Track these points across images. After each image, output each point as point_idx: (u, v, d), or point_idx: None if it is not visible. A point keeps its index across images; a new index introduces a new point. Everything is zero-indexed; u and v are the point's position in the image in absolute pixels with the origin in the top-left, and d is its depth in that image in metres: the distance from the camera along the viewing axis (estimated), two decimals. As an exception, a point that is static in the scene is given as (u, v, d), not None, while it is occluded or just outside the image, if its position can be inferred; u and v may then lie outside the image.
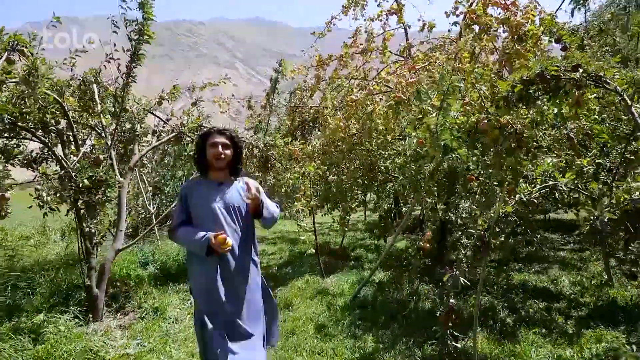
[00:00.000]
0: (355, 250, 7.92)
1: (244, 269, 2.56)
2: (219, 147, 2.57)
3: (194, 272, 2.56)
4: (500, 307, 4.43)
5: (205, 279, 2.48)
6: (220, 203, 2.56)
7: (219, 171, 2.63)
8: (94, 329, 3.90)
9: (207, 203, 2.54)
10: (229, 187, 2.65)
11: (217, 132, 2.64)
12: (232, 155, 2.65)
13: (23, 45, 3.15)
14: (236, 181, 2.73)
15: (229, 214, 2.57)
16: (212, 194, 2.58)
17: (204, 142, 2.64)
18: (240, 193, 2.64)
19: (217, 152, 2.56)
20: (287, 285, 5.61)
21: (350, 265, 6.69)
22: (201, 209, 2.54)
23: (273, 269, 6.72)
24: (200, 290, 2.50)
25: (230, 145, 2.64)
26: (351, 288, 5.29)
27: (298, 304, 4.76)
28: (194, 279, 2.56)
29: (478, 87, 3.74)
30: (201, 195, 2.57)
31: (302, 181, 5.10)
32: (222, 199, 2.57)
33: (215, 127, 2.76)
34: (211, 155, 2.58)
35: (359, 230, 10.83)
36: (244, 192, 2.56)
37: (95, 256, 4.29)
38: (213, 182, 2.64)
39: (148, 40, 4.20)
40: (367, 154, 6.20)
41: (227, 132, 2.67)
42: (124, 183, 4.57)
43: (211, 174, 2.66)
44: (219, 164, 2.59)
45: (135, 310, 4.51)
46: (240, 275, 2.54)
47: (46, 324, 3.71)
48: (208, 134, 2.65)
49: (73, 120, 4.13)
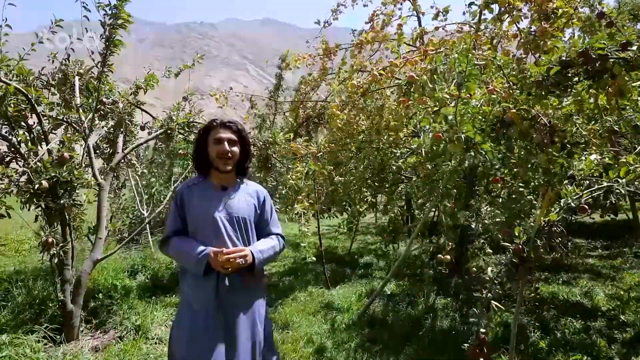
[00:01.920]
0: (364, 256, 7.37)
1: (248, 292, 2.11)
2: (225, 143, 2.10)
3: (186, 289, 2.10)
4: (530, 326, 3.86)
5: (199, 301, 2.02)
6: (223, 212, 2.10)
7: (223, 173, 2.15)
8: (63, 352, 3.41)
9: (208, 211, 2.09)
10: (234, 193, 2.19)
11: (222, 126, 2.14)
12: (239, 153, 2.18)
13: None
14: (243, 184, 2.27)
15: (232, 225, 2.11)
16: (214, 200, 2.12)
17: (205, 137, 2.16)
18: (247, 202, 2.20)
19: (223, 150, 2.09)
20: (288, 297, 5.07)
21: (358, 274, 6.14)
22: (200, 218, 2.09)
23: (275, 278, 6.19)
24: (190, 312, 2.03)
25: (238, 142, 2.17)
26: (359, 302, 4.74)
27: (299, 321, 4.21)
28: (184, 297, 2.10)
29: (505, 72, 3.19)
30: (201, 202, 2.11)
31: (305, 182, 4.58)
32: (225, 208, 2.12)
33: (219, 119, 2.21)
34: (215, 154, 2.10)
35: (370, 233, 10.27)
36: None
37: (70, 268, 3.80)
38: (215, 186, 2.18)
39: (124, 24, 3.71)
40: (377, 153, 5.66)
41: (234, 125, 2.17)
42: (103, 185, 4.08)
43: (213, 175, 2.19)
44: (226, 167, 2.12)
45: (116, 327, 4.01)
46: (241, 299, 2.07)
47: (6, 346, 3.23)
48: (210, 127, 2.16)
49: (43, 114, 3.64)
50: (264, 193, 2.33)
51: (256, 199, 2.25)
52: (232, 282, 2.04)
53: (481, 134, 2.86)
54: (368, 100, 5.14)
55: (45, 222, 3.41)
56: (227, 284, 2.03)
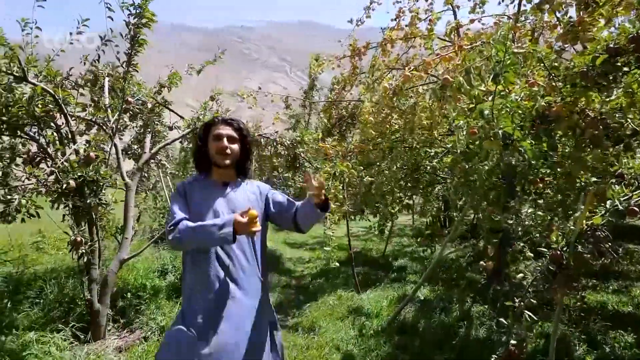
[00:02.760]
0: (398, 259, 7.14)
1: (251, 292, 2.00)
2: (224, 139, 2.07)
3: (186, 291, 2.00)
4: (575, 338, 3.56)
5: (200, 301, 1.91)
6: (225, 208, 2.03)
7: (223, 169, 2.11)
8: (87, 352, 3.41)
9: (210, 207, 2.01)
10: (236, 189, 2.14)
11: (223, 122, 2.12)
12: (239, 151, 2.13)
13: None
14: (244, 183, 2.21)
15: None
16: (216, 197, 2.06)
17: (206, 133, 2.14)
18: (249, 198, 2.13)
19: (222, 146, 2.05)
20: (317, 301, 4.94)
21: (391, 278, 5.93)
22: (202, 213, 2.00)
23: (306, 280, 6.08)
24: (191, 311, 1.92)
25: (238, 139, 2.13)
26: (390, 307, 4.55)
27: (325, 326, 4.07)
28: (185, 299, 2.00)
29: (547, 64, 2.94)
30: (202, 198, 2.04)
31: (333, 182, 4.44)
32: (228, 204, 2.06)
33: (220, 116, 2.22)
34: (214, 150, 2.07)
35: (406, 236, 10.00)
36: (307, 184, 1.96)
37: (97, 267, 3.83)
38: (216, 182, 2.13)
39: (148, 23, 3.71)
40: (410, 153, 5.45)
41: (235, 122, 2.15)
42: (130, 185, 4.09)
43: (214, 172, 2.14)
44: (224, 161, 2.07)
45: (142, 327, 4.01)
46: (245, 299, 1.96)
47: (34, 344, 3.26)
48: (211, 124, 2.14)
49: (71, 115, 3.67)
50: (266, 187, 2.27)
51: (258, 194, 2.20)
52: (234, 281, 1.95)
53: (521, 130, 2.64)
54: (401, 99, 4.95)
55: (73, 221, 3.43)
56: (232, 282, 1.94)
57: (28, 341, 3.31)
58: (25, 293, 4.35)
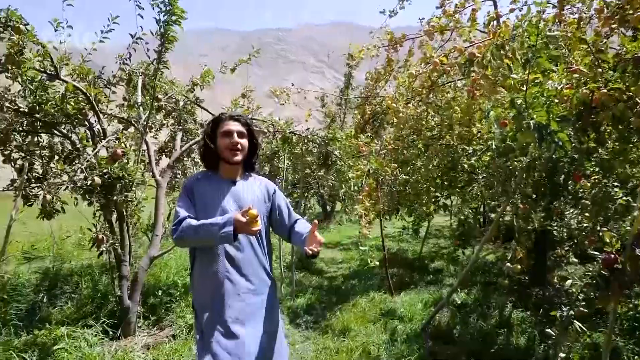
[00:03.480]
0: (435, 261, 6.90)
1: (258, 291, 2.02)
2: (234, 135, 2.05)
3: (195, 287, 2.04)
4: (628, 351, 3.27)
5: (209, 297, 1.94)
6: (233, 205, 2.03)
7: (231, 165, 2.09)
8: (116, 348, 3.43)
9: (218, 205, 2.01)
10: (244, 186, 2.13)
11: (231, 118, 2.11)
12: (247, 148, 2.14)
13: (17, 21, 2.74)
14: (252, 178, 2.22)
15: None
16: (224, 193, 2.05)
17: (214, 129, 2.12)
18: (256, 194, 2.14)
19: (232, 142, 2.04)
20: (349, 302, 4.81)
21: (427, 280, 5.72)
22: (209, 209, 1.99)
23: (338, 281, 5.96)
24: (203, 309, 1.96)
25: (246, 135, 2.13)
26: (424, 311, 4.36)
27: (357, 329, 3.93)
28: (196, 296, 2.03)
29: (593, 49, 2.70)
30: (210, 195, 2.04)
31: (366, 180, 4.29)
32: (236, 202, 2.05)
33: (228, 112, 2.18)
34: (224, 146, 2.05)
35: (443, 237, 9.69)
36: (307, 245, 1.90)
37: (127, 264, 3.85)
38: (225, 179, 2.11)
39: (178, 20, 3.69)
40: (447, 150, 5.23)
41: (242, 118, 2.15)
42: (161, 183, 4.11)
43: (222, 169, 2.12)
44: (234, 157, 2.05)
45: (172, 325, 4.00)
46: (252, 298, 1.98)
47: (65, 339, 3.30)
48: (219, 120, 2.12)
49: (102, 112, 3.71)
50: (273, 186, 2.27)
51: (265, 191, 2.19)
52: (239, 280, 1.96)
53: (559, 121, 2.42)
54: (438, 94, 4.77)
55: (101, 218, 3.45)
56: (236, 281, 1.95)
57: (59, 336, 3.36)
58: (62, 288, 4.46)
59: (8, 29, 2.76)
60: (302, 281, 5.85)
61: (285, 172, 5.93)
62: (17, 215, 4.72)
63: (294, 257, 5.56)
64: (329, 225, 11.63)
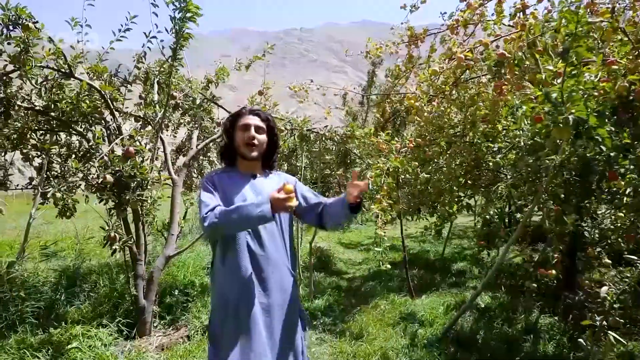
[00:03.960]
0: (458, 262, 6.70)
1: (284, 285, 1.97)
2: (252, 129, 2.01)
3: (216, 287, 1.96)
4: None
5: (230, 296, 1.88)
6: (255, 198, 1.95)
7: (250, 161, 2.05)
8: (129, 348, 3.39)
9: (238, 197, 1.94)
10: (264, 180, 2.09)
11: (250, 113, 2.07)
12: (266, 143, 2.08)
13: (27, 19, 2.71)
14: (272, 174, 2.19)
15: None
16: (245, 188, 2.00)
17: (232, 124, 2.08)
18: (277, 187, 1.93)
19: (250, 136, 1.99)
20: (368, 305, 4.68)
21: (449, 282, 5.54)
22: (230, 204, 1.91)
23: (357, 282, 5.83)
24: (226, 309, 1.88)
25: (265, 130, 2.07)
26: (446, 315, 4.20)
27: (374, 332, 3.80)
28: (215, 295, 1.96)
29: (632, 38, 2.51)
30: (231, 190, 1.97)
31: (385, 179, 4.16)
32: (257, 193, 2.00)
33: (247, 106, 2.14)
34: (241, 141, 2.01)
35: (467, 237, 9.45)
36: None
37: (142, 263, 3.81)
38: (245, 174, 2.07)
39: (193, 17, 3.64)
40: (470, 148, 5.04)
41: (262, 113, 2.10)
42: (177, 181, 4.06)
43: (240, 164, 2.09)
44: (252, 153, 2.01)
45: (188, 325, 3.95)
46: (278, 295, 1.93)
47: (79, 338, 3.28)
48: (238, 114, 2.08)
49: (117, 110, 3.68)
50: (294, 179, 2.21)
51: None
52: (267, 278, 1.91)
53: (598, 116, 2.24)
54: (461, 90, 4.59)
55: (116, 216, 3.42)
56: (266, 278, 1.90)
57: (75, 335, 3.34)
58: (81, 286, 4.46)
59: (17, 27, 2.73)
60: (320, 282, 5.74)
61: (304, 171, 5.83)
62: (36, 214, 4.77)
63: (312, 257, 5.46)
64: (349, 225, 11.49)
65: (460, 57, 3.29)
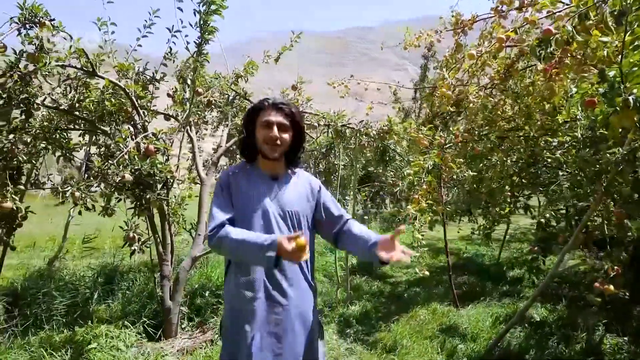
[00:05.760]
0: (515, 269, 6.12)
1: (300, 298, 1.78)
2: (275, 128, 1.78)
3: (228, 297, 1.80)
4: None
5: (243, 308, 1.71)
6: (275, 205, 1.79)
7: (272, 161, 1.85)
8: (150, 350, 3.29)
9: (257, 204, 1.77)
10: (287, 183, 1.88)
11: (273, 107, 1.82)
12: (290, 141, 1.86)
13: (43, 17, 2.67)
14: (294, 175, 1.94)
15: (284, 221, 1.80)
16: (264, 191, 1.81)
17: (253, 118, 1.85)
18: (300, 194, 1.88)
19: (272, 136, 1.78)
20: (407, 313, 4.33)
21: (502, 291, 5.04)
22: (248, 210, 1.77)
23: (401, 288, 5.47)
24: (236, 319, 1.73)
25: (290, 127, 1.84)
26: (493, 328, 3.77)
27: (408, 346, 3.45)
28: (227, 306, 1.81)
29: None
30: (249, 192, 1.80)
31: (424, 178, 3.79)
32: (278, 200, 1.81)
33: (271, 98, 1.88)
34: (262, 139, 1.80)
35: (528, 241, 8.74)
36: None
37: (169, 263, 3.73)
38: (265, 174, 1.86)
39: (218, 10, 3.50)
40: (526, 143, 4.55)
41: (286, 107, 1.84)
42: (205, 180, 3.95)
43: (261, 163, 1.88)
44: (273, 153, 1.81)
45: (215, 328, 3.82)
46: (293, 307, 1.74)
47: (102, 338, 3.23)
48: (261, 107, 1.84)
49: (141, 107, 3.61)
50: (317, 183, 1.99)
51: (310, 190, 1.92)
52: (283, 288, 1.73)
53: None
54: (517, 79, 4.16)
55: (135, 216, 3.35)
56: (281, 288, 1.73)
57: (98, 334, 3.30)
58: (118, 284, 4.48)
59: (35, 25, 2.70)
60: (361, 286, 5.45)
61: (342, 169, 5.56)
62: (74, 212, 4.86)
63: (348, 260, 5.18)
64: (400, 225, 11.06)
65: (500, 37, 2.88)
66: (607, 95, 1.88)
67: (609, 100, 1.87)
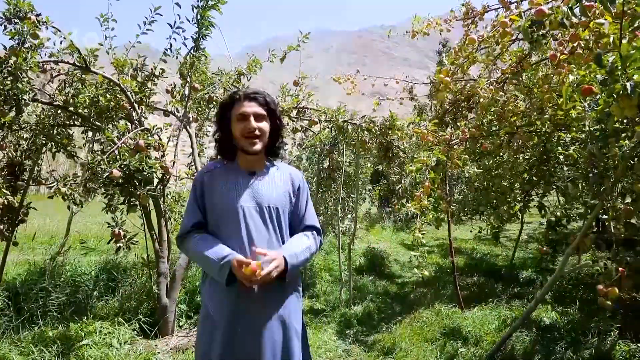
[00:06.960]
0: (528, 269, 5.90)
1: (280, 298, 1.73)
2: (251, 119, 1.72)
3: (207, 293, 1.75)
4: None
5: (220, 310, 1.67)
6: (251, 201, 1.74)
7: (252, 156, 1.79)
8: (143, 348, 3.25)
9: (233, 201, 1.72)
10: (264, 178, 1.82)
11: (247, 98, 1.75)
12: (268, 131, 1.79)
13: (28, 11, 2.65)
14: (274, 167, 1.89)
15: (261, 216, 1.74)
16: (240, 188, 1.76)
17: (226, 114, 1.79)
18: (278, 188, 1.82)
19: (250, 127, 1.71)
20: (410, 314, 4.20)
21: (512, 293, 4.85)
22: (223, 208, 1.73)
23: (407, 288, 5.33)
24: (211, 317, 1.68)
25: (267, 116, 1.78)
26: (499, 331, 3.60)
27: (407, 348, 3.32)
28: (206, 303, 1.74)
29: None
30: (224, 189, 1.75)
31: (426, 175, 3.65)
32: (254, 196, 1.76)
33: (242, 89, 1.81)
34: (240, 133, 1.73)
35: (543, 242, 8.45)
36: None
37: (165, 261, 3.69)
38: (242, 170, 1.81)
39: (217, 5, 3.45)
40: (538, 139, 4.37)
41: (260, 95, 1.78)
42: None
43: (240, 158, 1.83)
44: (254, 146, 1.74)
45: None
46: (271, 306, 1.69)
47: (95, 334, 3.21)
48: (233, 100, 1.78)
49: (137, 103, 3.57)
50: (299, 178, 1.94)
51: (290, 185, 1.87)
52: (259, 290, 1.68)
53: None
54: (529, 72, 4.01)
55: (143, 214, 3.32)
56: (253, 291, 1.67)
57: (92, 331, 3.28)
58: (120, 281, 4.46)
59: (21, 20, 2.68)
60: (367, 286, 5.33)
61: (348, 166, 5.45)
62: (77, 209, 4.87)
63: (350, 259, 5.07)
64: (410, 225, 10.87)
65: (504, 21, 2.72)
66: (606, 81, 1.73)
67: (607, 89, 1.72)
